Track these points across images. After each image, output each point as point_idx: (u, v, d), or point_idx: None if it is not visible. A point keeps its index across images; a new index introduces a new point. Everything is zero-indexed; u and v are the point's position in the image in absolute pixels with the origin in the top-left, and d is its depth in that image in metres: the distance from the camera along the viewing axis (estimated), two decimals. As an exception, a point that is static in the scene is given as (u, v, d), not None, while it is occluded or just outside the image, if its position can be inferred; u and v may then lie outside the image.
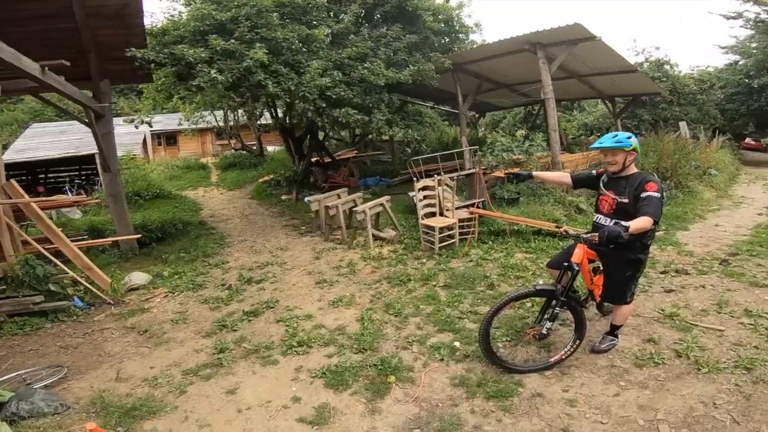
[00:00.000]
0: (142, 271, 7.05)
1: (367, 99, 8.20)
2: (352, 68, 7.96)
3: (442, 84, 10.52)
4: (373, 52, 8.40)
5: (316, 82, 7.22)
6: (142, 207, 11.66)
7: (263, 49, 6.73)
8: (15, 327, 4.94)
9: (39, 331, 4.90)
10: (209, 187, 15.26)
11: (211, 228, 9.65)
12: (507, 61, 9.97)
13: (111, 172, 8.26)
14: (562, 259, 3.37)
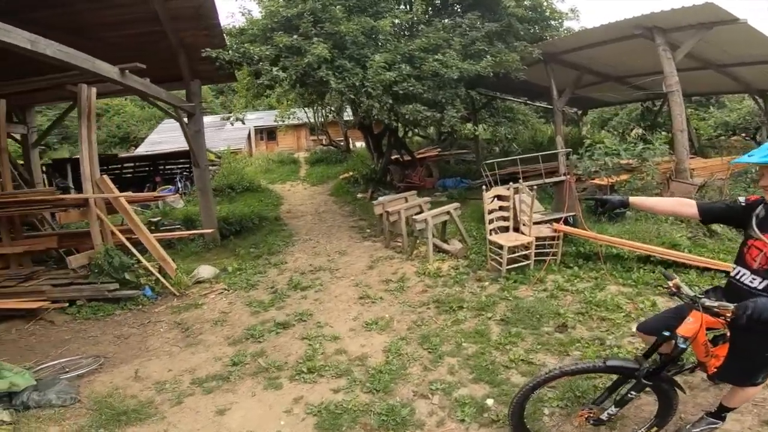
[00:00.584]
0: (215, 263, 7.41)
1: (439, 94, 7.50)
2: (422, 61, 7.32)
3: (533, 77, 9.30)
4: (446, 42, 7.64)
5: (381, 77, 6.76)
6: (233, 199, 12.56)
7: (324, 44, 6.48)
8: (90, 311, 5.43)
9: (107, 318, 5.31)
10: (296, 182, 15.92)
11: (283, 224, 9.88)
12: (613, 50, 8.38)
13: (200, 167, 8.87)
14: (663, 323, 2.31)
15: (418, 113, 7.32)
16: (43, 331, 5.01)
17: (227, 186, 12.96)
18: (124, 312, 5.46)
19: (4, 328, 5.21)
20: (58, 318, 5.40)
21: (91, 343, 4.57)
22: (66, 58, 4.18)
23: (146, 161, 15.29)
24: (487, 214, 5.83)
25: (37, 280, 6.11)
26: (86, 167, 6.30)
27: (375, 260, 6.64)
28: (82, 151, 6.32)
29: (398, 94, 7.17)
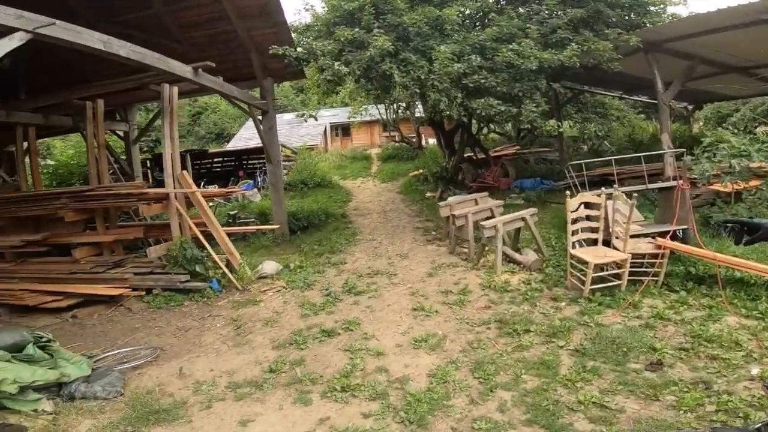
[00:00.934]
0: (280, 258, 7.56)
1: (516, 87, 6.76)
2: (495, 51, 6.64)
3: (630, 68, 8.03)
4: (522, 31, 6.85)
5: (448, 69, 6.24)
6: (305, 195, 12.88)
7: (386, 36, 6.13)
8: (162, 300, 5.74)
9: (176, 308, 5.57)
10: (366, 178, 15.91)
11: (348, 222, 9.82)
12: (736, 36, 6.87)
13: (273, 163, 9.14)
14: None
15: (491, 108, 6.67)
16: (120, 318, 5.39)
17: (300, 181, 13.34)
18: (191, 303, 5.70)
19: (89, 312, 5.71)
20: (136, 305, 5.80)
21: (155, 333, 4.79)
22: (139, 59, 4.37)
23: (232, 156, 16.39)
24: (570, 223, 5.02)
25: (123, 268, 6.65)
26: (168, 163, 6.72)
27: (437, 267, 6.19)
28: (165, 147, 6.75)
29: (468, 88, 6.60)
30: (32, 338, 3.50)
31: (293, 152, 15.46)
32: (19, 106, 7.07)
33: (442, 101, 6.58)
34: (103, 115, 7.15)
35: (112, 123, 9.61)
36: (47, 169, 11.31)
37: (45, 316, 5.60)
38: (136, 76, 5.94)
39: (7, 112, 7.02)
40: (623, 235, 4.84)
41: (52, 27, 3.21)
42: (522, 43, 6.61)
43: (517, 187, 10.79)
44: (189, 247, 6.39)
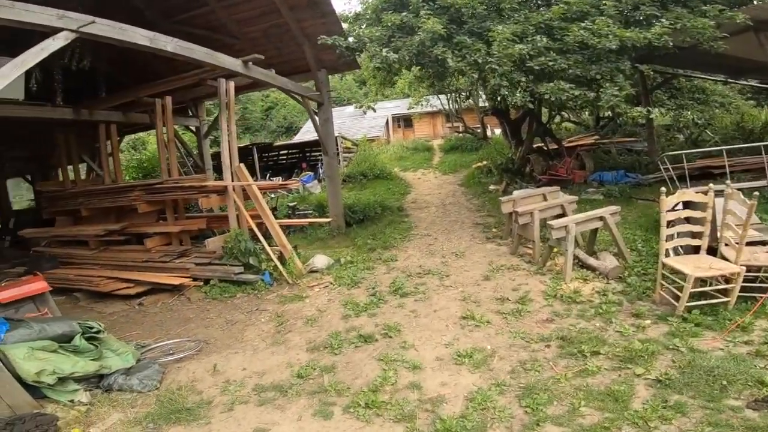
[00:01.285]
0: (334, 252, 7.48)
1: (592, 69, 5.86)
2: (564, 31, 5.80)
3: (736, 49, 6.64)
4: (595, 9, 5.90)
5: (509, 51, 5.55)
6: (364, 186, 12.78)
7: (436, 18, 5.59)
8: (218, 291, 5.91)
9: (228, 300, 5.69)
10: (427, 170, 15.42)
11: (405, 215, 9.49)
12: None
13: (329, 155, 9.09)
14: None
15: (562, 92, 5.86)
16: (178, 308, 5.63)
17: (360, 173, 13.26)
18: (243, 295, 5.79)
19: (154, 300, 6.05)
20: (194, 295, 6.03)
21: (204, 325, 4.88)
22: (187, 53, 4.40)
23: (296, 149, 16.85)
24: (665, 225, 4.12)
25: (187, 258, 6.98)
26: (226, 156, 6.89)
27: (494, 269, 5.62)
28: (223, 141, 6.92)
29: (534, 71, 5.86)
30: (81, 329, 3.62)
31: (354, 144, 15.47)
32: (98, 105, 7.69)
33: (503, 86, 5.92)
34: (174, 111, 7.52)
35: (184, 119, 10.21)
36: (132, 162, 12.45)
37: (117, 302, 6.03)
38: (192, 72, 6.10)
39: (90, 111, 7.67)
40: (737, 243, 3.90)
41: (94, 25, 3.26)
42: (597, 21, 5.69)
43: (596, 181, 9.63)
44: (244, 239, 6.50)
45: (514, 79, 5.90)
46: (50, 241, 8.65)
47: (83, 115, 7.70)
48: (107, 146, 8.33)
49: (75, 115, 7.63)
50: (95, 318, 5.36)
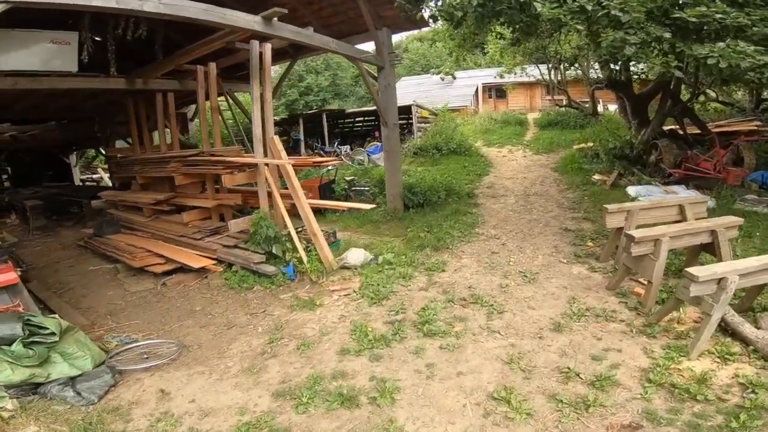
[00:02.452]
0: (380, 241, 6.22)
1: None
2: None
3: None
4: None
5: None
6: (436, 162, 11.03)
7: None
8: (237, 280, 5.09)
9: (244, 292, 4.85)
10: (516, 146, 12.94)
11: (474, 205, 7.64)
12: None
13: (388, 126, 7.56)
14: None
15: (740, 57, 3.50)
16: (194, 294, 4.99)
17: (433, 147, 11.47)
18: (260, 289, 4.92)
19: (178, 281, 5.44)
20: (215, 281, 5.31)
21: (202, 323, 4.16)
22: (174, 12, 3.20)
23: (371, 116, 15.46)
24: None
25: (218, 236, 6.22)
26: (257, 128, 5.80)
27: (575, 313, 3.73)
28: (254, 111, 5.82)
29: (685, 25, 3.55)
30: (24, 333, 3.07)
31: (432, 113, 13.54)
32: (150, 74, 7.11)
33: (627, 44, 3.72)
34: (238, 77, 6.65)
35: (246, 84, 9.42)
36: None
37: (147, 279, 5.58)
38: (216, 35, 5.00)
39: (144, 81, 7.14)
40: None
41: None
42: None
43: (756, 182, 6.66)
44: (266, 224, 5.45)
45: (651, 34, 3.64)
46: (119, 206, 8.67)
47: (137, 84, 7.22)
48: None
49: (128, 84, 7.19)
50: (117, 295, 5.13)
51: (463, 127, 14.16)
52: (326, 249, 5.62)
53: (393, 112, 7.57)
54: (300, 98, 27.44)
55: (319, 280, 5.09)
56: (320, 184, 8.62)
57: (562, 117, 14.88)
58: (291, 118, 13.69)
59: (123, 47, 6.65)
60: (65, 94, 7.77)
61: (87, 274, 6.08)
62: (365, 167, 10.71)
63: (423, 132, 12.54)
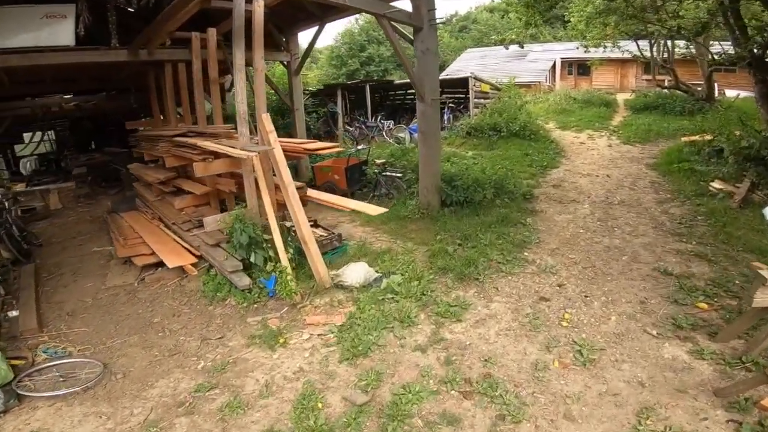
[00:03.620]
0: (401, 248, 4.85)
1: None
2: None
3: None
4: None
5: None
6: (491, 146, 9.01)
7: None
8: (212, 287, 4.13)
9: (214, 304, 3.98)
10: (599, 132, 10.26)
11: (529, 212, 5.68)
12: None
13: (425, 102, 5.80)
14: None
15: None
16: (163, 299, 4.16)
17: (490, 127, 9.35)
18: (232, 305, 3.95)
19: (156, 278, 4.61)
20: (191, 285, 4.43)
21: (147, 343, 3.40)
22: None
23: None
24: None
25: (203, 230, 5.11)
26: (241, 104, 4.44)
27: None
28: (236, 81, 4.45)
29: None
30: None
31: (495, 88, 11.17)
32: (138, 45, 6.02)
33: None
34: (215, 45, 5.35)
35: (271, 52, 8.09)
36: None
37: (134, 270, 4.76)
38: None
39: (149, 52, 6.11)
40: None
41: None
42: None
43: None
44: (242, 227, 4.18)
45: None
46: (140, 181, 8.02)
47: (141, 55, 6.20)
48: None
49: (131, 56, 6.19)
50: (91, 290, 4.42)
51: (533, 106, 11.67)
52: (319, 262, 4.24)
53: (432, 84, 5.79)
54: (361, 68, 25.87)
55: (303, 301, 3.87)
56: (347, 165, 7.15)
57: (664, 100, 11.66)
58: (328, 88, 12.14)
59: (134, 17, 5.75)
60: (93, 67, 7.08)
61: (88, 256, 5.46)
62: (404, 147, 8.98)
63: (481, 109, 10.37)
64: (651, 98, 12.12)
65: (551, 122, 11.11)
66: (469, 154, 8.49)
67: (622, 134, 9.79)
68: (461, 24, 31.95)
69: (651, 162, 7.67)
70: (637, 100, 12.39)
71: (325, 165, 7.64)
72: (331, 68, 27.24)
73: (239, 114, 4.50)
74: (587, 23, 10.82)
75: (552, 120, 11.33)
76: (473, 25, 30.12)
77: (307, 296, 3.98)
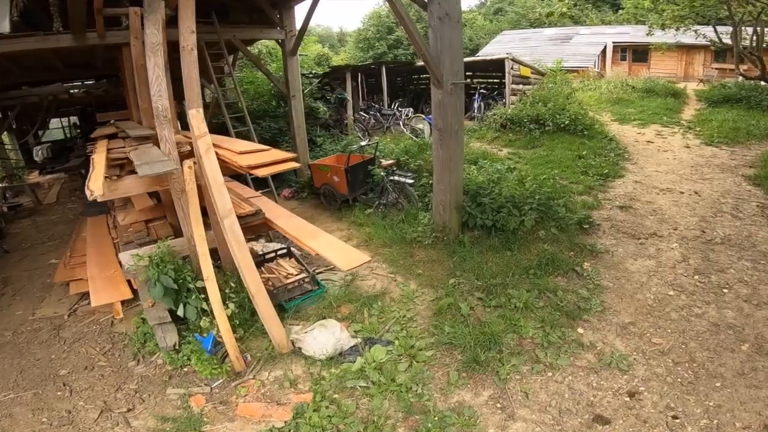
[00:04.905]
0: (397, 295, 3.49)
1: None
2: None
3: None
4: None
5: None
6: (534, 142, 7.14)
7: None
8: (140, 335, 3.09)
9: (140, 360, 2.96)
10: (671, 128, 8.09)
11: (587, 253, 3.94)
12: None
13: (443, 87, 4.11)
14: None
15: None
16: (88, 340, 3.23)
17: (532, 118, 7.43)
18: (158, 363, 2.88)
19: (90, 310, 3.50)
20: (122, 326, 3.37)
21: (40, 407, 2.54)
22: None
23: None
24: None
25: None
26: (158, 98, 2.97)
27: None
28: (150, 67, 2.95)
29: None
30: None
31: (537, 72, 9.05)
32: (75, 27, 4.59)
33: None
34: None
35: (261, 29, 6.50)
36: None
37: (71, 297, 3.86)
38: None
39: (100, 35, 4.73)
40: None
41: None
42: None
43: None
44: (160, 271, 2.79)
45: None
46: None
47: (90, 39, 4.76)
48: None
49: (77, 41, 4.76)
50: (17, 320, 3.56)
51: (581, 94, 9.55)
52: (272, 321, 2.93)
53: (453, 63, 4.12)
54: (389, 51, 23.91)
55: (247, 370, 2.70)
56: (347, 166, 5.58)
57: (745, 92, 9.26)
58: (335, 70, 10.05)
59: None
60: (74, 53, 5.83)
61: (40, 270, 4.53)
62: (423, 141, 7.20)
63: (519, 97, 8.41)
64: (732, 90, 9.69)
65: (605, 114, 9.02)
66: (503, 153, 6.69)
67: (701, 132, 7.62)
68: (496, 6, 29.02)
69: (750, 173, 5.62)
70: (714, 92, 9.99)
71: (322, 163, 6.09)
72: (358, 51, 25.49)
73: (157, 113, 3.02)
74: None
75: (606, 111, 9.23)
76: (510, 6, 27.24)
77: (256, 364, 2.73)
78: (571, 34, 18.21)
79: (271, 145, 7.41)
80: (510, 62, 8.26)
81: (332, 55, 24.84)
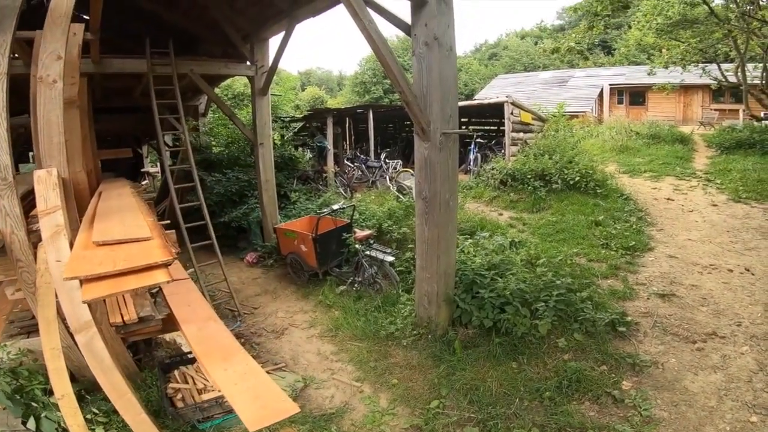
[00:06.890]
0: (361, 415, 2.55)
1: None
2: None
3: None
4: None
5: None
6: (541, 204, 6.06)
7: None
8: None
9: None
10: (688, 180, 7.07)
11: (629, 368, 2.75)
12: None
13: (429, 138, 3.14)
14: None
15: None
16: None
17: (537, 174, 6.40)
18: None
19: None
20: None
21: None
22: None
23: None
24: None
25: None
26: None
27: None
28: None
29: None
30: None
31: (538, 118, 8.12)
32: None
33: None
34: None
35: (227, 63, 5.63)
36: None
37: None
38: None
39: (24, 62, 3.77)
40: None
41: None
42: None
43: None
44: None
45: None
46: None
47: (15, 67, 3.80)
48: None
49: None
50: None
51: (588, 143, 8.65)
52: None
53: (445, 104, 3.14)
54: (385, 95, 23.58)
55: None
56: (315, 235, 4.48)
57: (762, 135, 8.33)
58: (316, 114, 8.94)
59: None
60: None
61: None
62: (410, 200, 5.98)
63: (520, 147, 7.46)
64: (743, 133, 8.82)
65: (611, 164, 8.07)
66: (505, 219, 5.62)
67: (723, 186, 6.60)
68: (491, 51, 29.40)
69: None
70: (724, 136, 9.10)
71: (289, 228, 4.97)
72: (354, 95, 25.28)
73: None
74: (657, 34, 7.92)
75: (612, 161, 8.28)
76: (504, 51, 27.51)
77: None
78: (567, 77, 17.90)
79: (238, 200, 6.43)
80: (510, 106, 7.35)
81: (328, 98, 24.54)
